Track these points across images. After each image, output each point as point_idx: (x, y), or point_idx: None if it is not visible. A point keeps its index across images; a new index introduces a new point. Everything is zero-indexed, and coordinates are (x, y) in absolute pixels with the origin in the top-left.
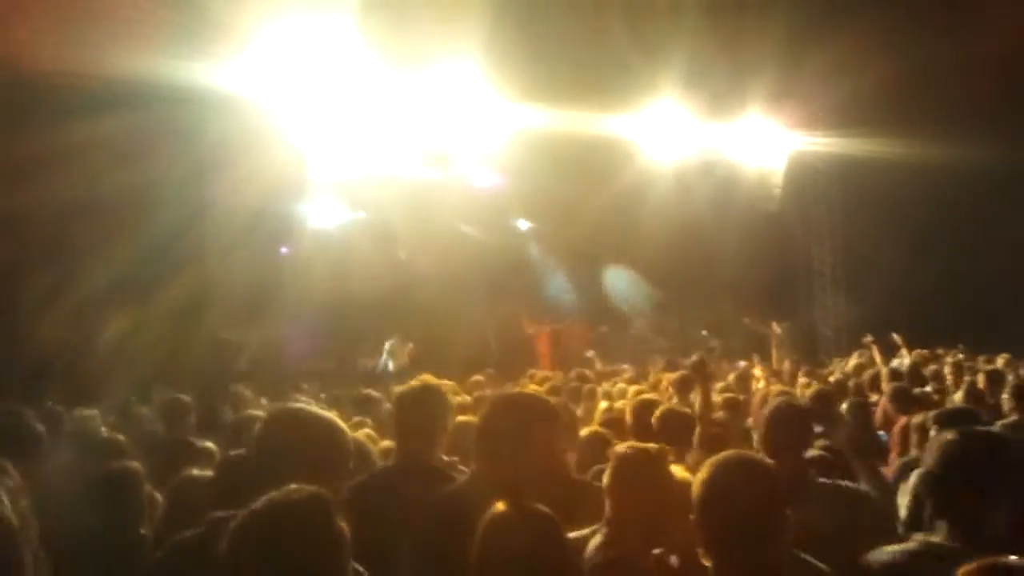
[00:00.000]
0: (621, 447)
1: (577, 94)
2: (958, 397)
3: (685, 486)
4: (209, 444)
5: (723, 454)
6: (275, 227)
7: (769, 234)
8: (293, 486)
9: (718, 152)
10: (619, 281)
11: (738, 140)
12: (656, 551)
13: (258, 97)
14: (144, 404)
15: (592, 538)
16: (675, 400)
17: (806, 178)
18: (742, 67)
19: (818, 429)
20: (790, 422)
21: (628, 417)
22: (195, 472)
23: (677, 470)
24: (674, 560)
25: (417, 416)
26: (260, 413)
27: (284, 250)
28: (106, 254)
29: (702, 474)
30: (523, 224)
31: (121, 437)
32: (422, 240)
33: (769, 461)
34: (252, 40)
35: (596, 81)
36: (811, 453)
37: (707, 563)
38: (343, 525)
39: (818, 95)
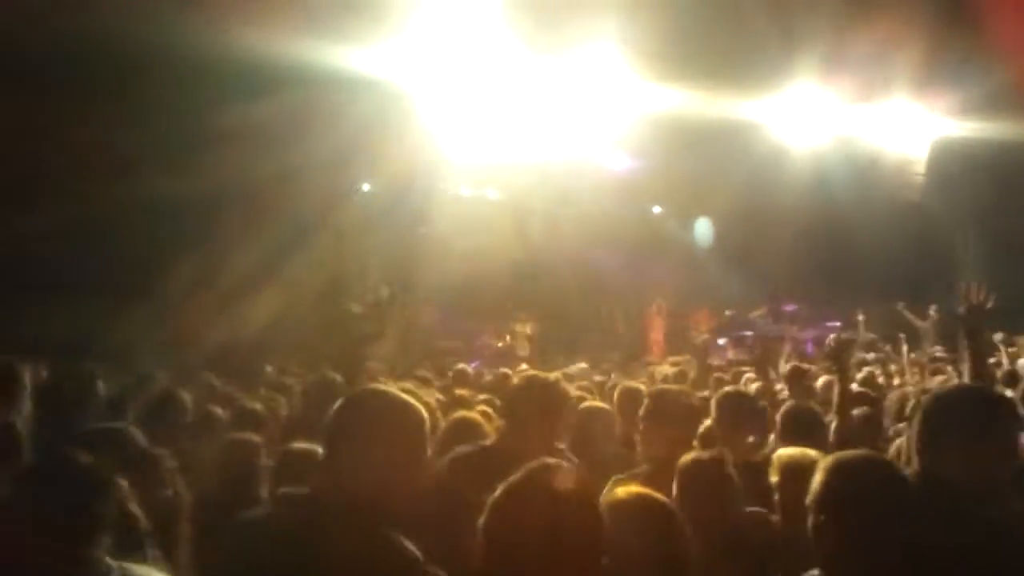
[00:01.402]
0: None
1: (716, 77)
2: None
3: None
4: None
5: (848, 452)
6: (413, 208)
7: (910, 222)
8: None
9: (859, 137)
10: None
11: (880, 125)
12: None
13: (398, 79)
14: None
15: None
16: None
17: (951, 165)
18: (886, 49)
19: None
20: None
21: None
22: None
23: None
24: None
25: (524, 409)
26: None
27: (422, 231)
28: (253, 237)
29: (821, 475)
30: (657, 209)
31: (259, 406)
32: (556, 222)
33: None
34: (392, 23)
35: (735, 64)
36: None
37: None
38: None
39: (965, 80)
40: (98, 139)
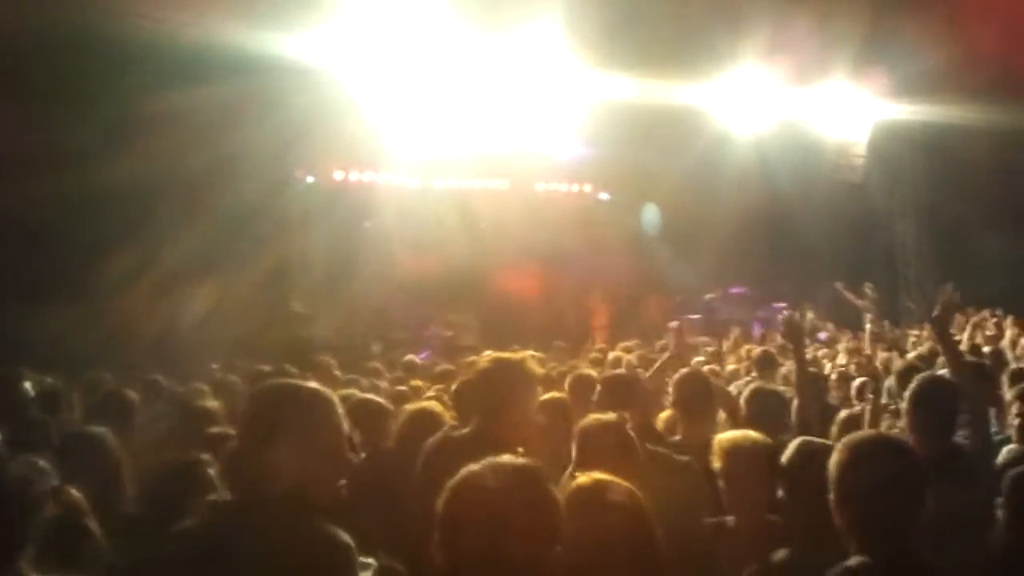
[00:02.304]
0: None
1: (658, 63)
2: None
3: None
4: None
5: (864, 435)
6: (356, 200)
7: (851, 204)
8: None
9: (800, 120)
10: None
11: (821, 108)
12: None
13: (339, 69)
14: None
15: None
16: (754, 375)
17: (891, 147)
18: (826, 33)
19: None
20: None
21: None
22: None
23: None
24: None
25: (487, 392)
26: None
27: (367, 224)
28: (190, 228)
29: (841, 456)
30: (604, 196)
31: (215, 404)
32: (501, 211)
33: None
34: (334, 11)
35: (678, 50)
36: None
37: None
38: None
39: (905, 62)
40: (24, 132)
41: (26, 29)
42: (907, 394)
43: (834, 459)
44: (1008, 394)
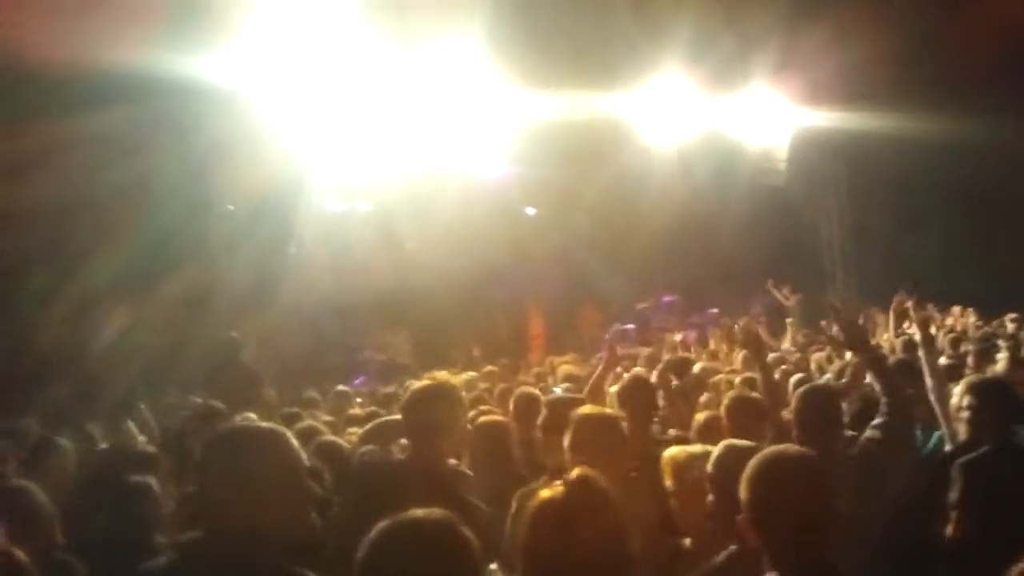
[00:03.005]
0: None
1: (578, 75)
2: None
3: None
4: None
5: (769, 449)
6: (277, 223)
7: (774, 209)
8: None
9: (721, 128)
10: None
11: (741, 115)
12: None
13: (258, 91)
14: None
15: None
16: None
17: (811, 152)
18: (744, 39)
19: None
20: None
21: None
22: None
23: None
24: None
25: (425, 416)
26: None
27: (292, 250)
28: (105, 250)
29: (749, 472)
30: (531, 211)
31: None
32: (427, 231)
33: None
34: (251, 33)
35: (596, 60)
36: None
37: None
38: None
39: (822, 67)
40: None
41: None
42: None
43: (744, 477)
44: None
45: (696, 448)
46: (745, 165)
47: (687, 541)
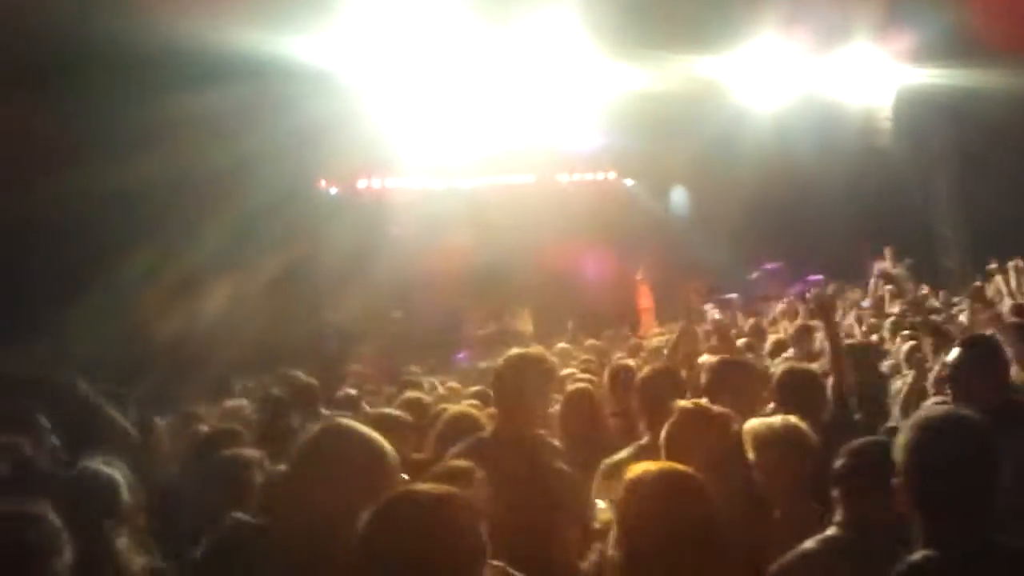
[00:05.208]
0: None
1: (672, 41)
2: None
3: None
4: None
5: (933, 409)
6: (379, 205)
7: (879, 171)
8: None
9: (822, 89)
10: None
11: (843, 75)
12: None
13: (354, 71)
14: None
15: None
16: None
17: (917, 111)
18: None
19: None
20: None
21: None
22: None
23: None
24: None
25: (513, 387)
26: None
27: (394, 230)
28: (206, 230)
29: (909, 435)
30: (628, 183)
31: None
32: (526, 206)
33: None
34: (347, 14)
35: (691, 24)
36: None
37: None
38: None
39: (929, 23)
40: (41, 132)
41: (54, 33)
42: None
43: (900, 440)
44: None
45: (766, 421)
46: (848, 126)
47: (776, 513)
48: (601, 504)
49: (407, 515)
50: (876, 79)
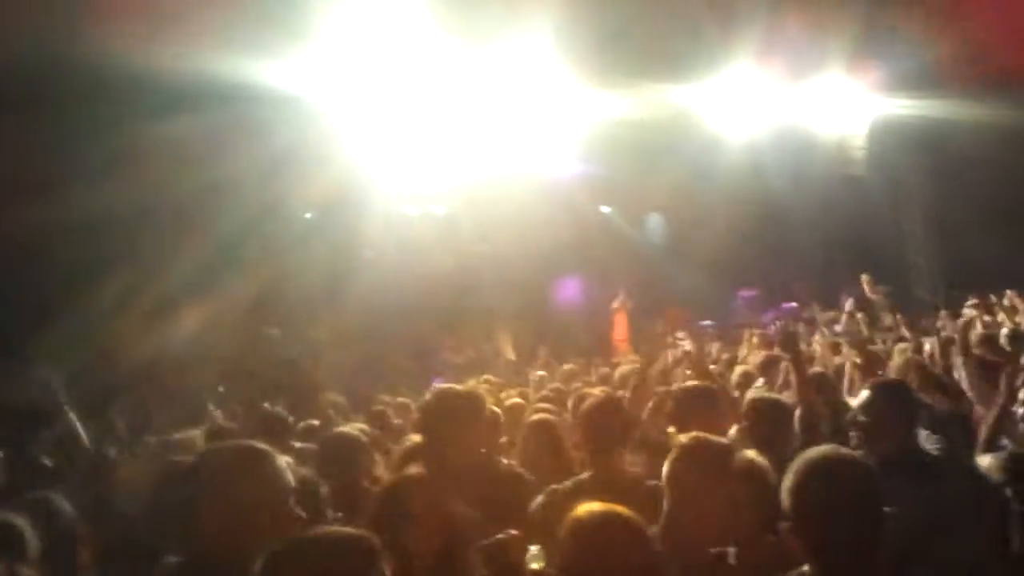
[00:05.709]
0: (685, 437)
1: (648, 70)
2: None
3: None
4: None
5: (816, 452)
6: (348, 226)
7: (853, 200)
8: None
9: (797, 119)
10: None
11: (817, 105)
12: (715, 550)
13: (329, 96)
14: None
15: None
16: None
17: (890, 141)
18: (818, 27)
19: None
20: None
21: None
22: None
23: (751, 454)
24: (732, 557)
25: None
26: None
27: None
28: (179, 255)
29: (796, 478)
30: (605, 210)
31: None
32: (499, 233)
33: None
34: (322, 39)
35: (667, 54)
36: None
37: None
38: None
39: (902, 55)
40: (12, 158)
41: (25, 59)
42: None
43: (786, 483)
44: None
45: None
46: (822, 156)
47: (731, 550)
48: (532, 549)
49: (301, 559)
50: (850, 109)
